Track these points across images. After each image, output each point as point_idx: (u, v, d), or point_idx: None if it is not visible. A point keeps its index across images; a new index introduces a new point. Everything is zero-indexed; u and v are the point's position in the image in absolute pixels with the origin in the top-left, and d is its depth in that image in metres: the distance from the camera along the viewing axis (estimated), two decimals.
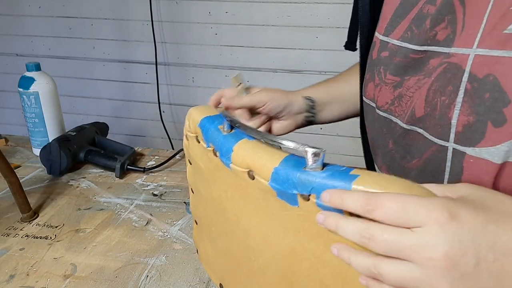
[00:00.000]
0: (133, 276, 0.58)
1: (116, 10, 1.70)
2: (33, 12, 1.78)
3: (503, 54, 0.36)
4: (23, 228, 0.69)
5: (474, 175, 0.38)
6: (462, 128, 0.39)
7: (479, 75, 0.38)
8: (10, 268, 0.59)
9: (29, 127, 0.93)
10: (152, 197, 0.79)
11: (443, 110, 0.41)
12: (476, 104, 0.38)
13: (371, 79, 0.54)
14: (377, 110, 0.53)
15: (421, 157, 0.45)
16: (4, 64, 1.90)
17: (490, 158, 0.37)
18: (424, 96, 0.44)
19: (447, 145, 0.41)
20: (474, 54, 0.39)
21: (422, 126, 0.45)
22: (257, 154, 0.42)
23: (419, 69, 0.45)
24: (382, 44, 0.52)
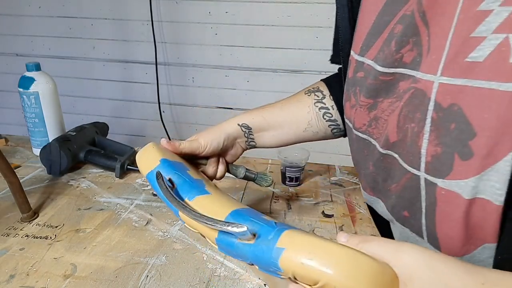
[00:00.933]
0: (133, 276, 0.58)
1: (116, 10, 1.70)
2: (33, 12, 1.78)
3: (466, 83, 0.35)
4: (23, 228, 0.69)
5: (446, 207, 0.37)
6: (431, 158, 0.38)
7: (444, 104, 0.37)
8: (10, 268, 0.59)
9: (29, 127, 0.93)
10: (152, 197, 0.79)
11: (413, 138, 0.40)
12: (442, 135, 0.37)
13: (347, 99, 0.54)
14: (355, 131, 0.52)
15: (398, 182, 0.44)
16: (4, 64, 1.90)
17: (460, 191, 0.35)
18: (396, 121, 0.43)
19: (419, 174, 0.40)
20: (438, 83, 0.37)
21: (396, 151, 0.44)
22: (198, 224, 0.43)
23: (391, 92, 0.44)
24: (358, 64, 0.50)
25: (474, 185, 0.34)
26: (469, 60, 0.34)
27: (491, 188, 0.33)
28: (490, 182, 0.33)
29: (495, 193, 0.33)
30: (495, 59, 0.33)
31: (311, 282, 0.33)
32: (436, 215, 0.38)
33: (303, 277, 0.33)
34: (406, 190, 0.42)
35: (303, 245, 0.34)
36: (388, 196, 0.47)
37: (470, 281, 0.29)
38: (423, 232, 0.42)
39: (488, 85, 0.33)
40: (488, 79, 0.33)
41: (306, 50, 1.60)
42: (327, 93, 0.67)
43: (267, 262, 0.35)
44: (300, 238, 0.35)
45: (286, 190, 0.84)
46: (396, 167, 0.44)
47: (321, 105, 0.66)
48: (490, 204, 0.34)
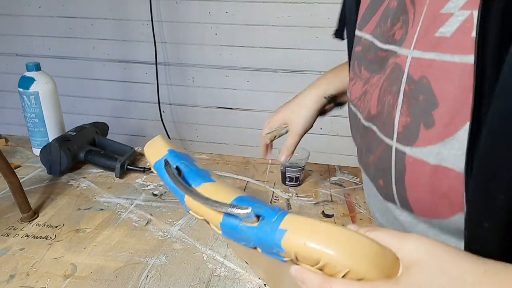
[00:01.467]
0: (133, 276, 0.58)
1: (116, 10, 1.70)
2: (33, 12, 1.78)
3: (435, 57, 0.36)
4: (23, 228, 0.69)
5: (414, 174, 0.39)
6: (402, 128, 0.40)
7: (415, 77, 0.38)
8: (10, 268, 0.59)
9: (29, 127, 0.93)
10: (152, 197, 0.79)
11: (389, 110, 0.42)
12: (412, 106, 0.39)
13: (350, 72, 0.56)
14: (349, 104, 0.54)
15: (375, 153, 0.46)
16: (4, 64, 1.90)
17: (425, 158, 0.37)
18: (377, 95, 0.45)
19: (391, 144, 0.41)
20: (411, 57, 0.39)
21: (375, 123, 0.45)
22: (204, 208, 0.43)
23: (382, 68, 0.45)
24: (357, 39, 0.52)
25: (438, 152, 0.36)
26: (438, 35, 0.36)
27: (453, 156, 0.35)
28: (452, 150, 0.35)
29: (456, 160, 0.35)
30: (460, 34, 0.34)
31: (312, 262, 0.34)
32: (406, 181, 0.40)
33: (304, 258, 0.34)
34: (381, 160, 0.44)
35: (305, 227, 0.35)
36: (368, 167, 0.49)
37: (471, 269, 0.29)
38: (395, 199, 0.44)
39: (452, 58, 0.35)
40: (453, 53, 0.35)
41: (306, 50, 1.60)
42: None
43: (270, 243, 0.36)
44: (303, 221, 0.36)
45: (286, 190, 0.84)
46: (375, 139, 0.46)
47: None
48: (453, 172, 0.35)
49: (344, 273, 0.33)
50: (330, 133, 1.70)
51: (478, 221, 0.34)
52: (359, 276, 0.33)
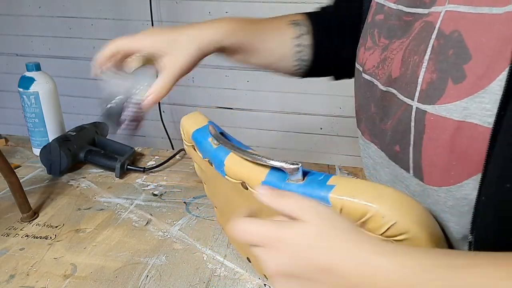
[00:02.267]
0: (133, 276, 0.58)
1: (116, 10, 1.70)
2: (33, 12, 1.78)
3: (469, 10, 0.36)
4: (23, 228, 0.69)
5: (433, 134, 0.38)
6: (426, 85, 0.39)
7: (446, 31, 0.38)
8: (10, 268, 0.59)
9: (29, 127, 0.93)
10: (152, 197, 0.79)
11: (413, 69, 0.41)
12: (440, 61, 0.38)
13: (363, 43, 0.53)
14: (363, 74, 0.52)
15: (393, 117, 0.45)
16: (4, 64, 1.90)
17: (449, 115, 0.36)
18: (401, 57, 0.43)
19: (412, 104, 0.40)
20: (445, 11, 0.38)
21: (396, 87, 0.44)
22: (245, 167, 0.44)
23: (406, 32, 0.44)
24: (378, 7, 0.50)
25: (466, 106, 0.35)
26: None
27: (482, 110, 0.34)
28: (482, 104, 0.34)
29: (485, 115, 0.34)
30: None
31: (357, 217, 0.36)
32: (423, 143, 0.39)
33: (350, 212, 0.36)
34: (400, 123, 0.43)
35: (352, 183, 0.38)
36: (383, 135, 0.48)
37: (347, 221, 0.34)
38: (409, 165, 0.43)
39: (489, 10, 0.34)
40: (490, 5, 0.34)
41: None
42: (309, 30, 0.64)
43: (316, 197, 0.38)
44: (349, 179, 0.39)
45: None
46: (394, 103, 0.45)
47: (299, 42, 0.63)
48: (478, 128, 0.34)
49: (389, 225, 0.35)
50: (330, 133, 1.70)
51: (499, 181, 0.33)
52: (402, 230, 0.35)
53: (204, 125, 0.53)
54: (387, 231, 0.35)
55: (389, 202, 0.36)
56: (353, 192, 0.37)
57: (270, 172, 0.42)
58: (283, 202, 0.36)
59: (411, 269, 0.29)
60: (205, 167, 0.53)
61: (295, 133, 1.72)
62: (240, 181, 0.45)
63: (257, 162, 0.43)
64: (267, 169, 0.43)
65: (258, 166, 0.43)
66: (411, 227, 0.35)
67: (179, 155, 0.95)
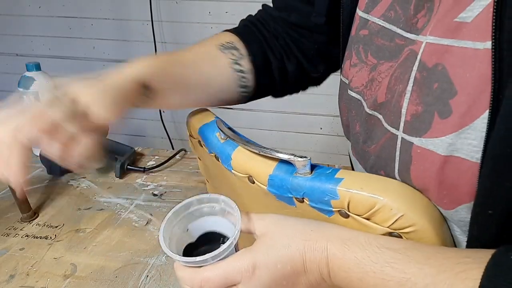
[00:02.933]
0: (133, 276, 0.58)
1: (116, 10, 1.70)
2: (33, 12, 1.78)
3: (453, 44, 0.35)
4: (23, 228, 0.69)
5: (421, 165, 0.38)
6: (410, 117, 0.39)
7: (429, 64, 0.37)
8: (10, 268, 0.59)
9: None
10: (152, 197, 0.79)
11: (397, 98, 0.40)
12: (424, 94, 0.37)
13: (348, 57, 0.52)
14: (349, 91, 0.51)
15: (378, 143, 0.44)
16: (4, 64, 1.90)
17: (435, 149, 0.36)
18: (387, 83, 0.43)
19: (397, 134, 0.40)
20: (426, 42, 0.38)
21: (381, 112, 0.44)
22: (252, 161, 0.44)
23: (395, 56, 0.43)
24: (362, 21, 0.49)
25: (451, 142, 0.35)
26: (458, 21, 0.35)
27: (468, 146, 0.34)
28: (468, 140, 0.34)
29: (471, 151, 0.34)
30: (482, 20, 0.33)
31: (364, 210, 0.37)
32: (411, 172, 0.39)
33: (357, 204, 0.37)
34: (384, 150, 0.43)
35: (361, 176, 0.39)
36: (366, 157, 0.47)
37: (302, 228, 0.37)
38: None
39: (473, 45, 0.34)
40: (474, 40, 0.33)
41: None
42: (245, 52, 0.58)
43: (325, 190, 0.38)
44: (357, 173, 0.40)
45: None
46: (378, 128, 0.44)
47: (240, 68, 0.57)
48: (466, 162, 0.34)
49: (397, 217, 0.35)
50: (330, 133, 1.70)
51: (482, 209, 0.34)
52: (410, 223, 0.35)
53: (212, 120, 0.53)
54: (394, 223, 0.35)
55: (397, 195, 0.36)
56: (361, 184, 0.37)
57: (278, 165, 0.42)
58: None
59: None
60: (211, 162, 0.53)
61: (295, 133, 1.72)
62: (247, 175, 0.45)
63: (265, 155, 0.43)
64: (275, 162, 0.43)
65: (265, 160, 0.43)
66: (419, 220, 0.35)
67: (179, 155, 0.95)
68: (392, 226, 0.36)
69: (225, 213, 0.41)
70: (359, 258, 0.34)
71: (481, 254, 0.31)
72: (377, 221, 0.36)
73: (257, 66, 0.58)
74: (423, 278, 0.31)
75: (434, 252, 0.33)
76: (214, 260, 0.36)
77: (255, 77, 0.59)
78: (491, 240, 0.34)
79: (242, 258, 0.37)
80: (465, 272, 0.30)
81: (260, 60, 0.58)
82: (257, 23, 0.61)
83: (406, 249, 0.33)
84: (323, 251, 0.36)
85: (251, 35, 0.60)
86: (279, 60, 0.59)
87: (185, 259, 0.37)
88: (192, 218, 0.42)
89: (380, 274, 0.33)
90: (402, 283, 0.32)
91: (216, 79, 0.56)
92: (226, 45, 0.58)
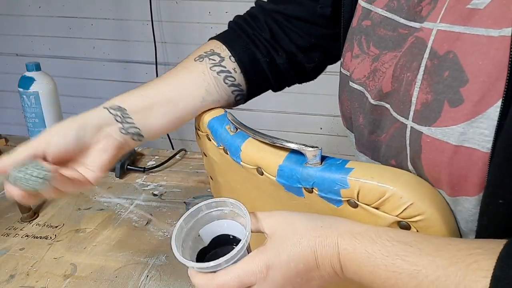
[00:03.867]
0: (133, 276, 0.58)
1: (116, 10, 1.70)
2: (33, 12, 1.78)
3: (465, 31, 0.34)
4: (23, 228, 0.69)
5: (431, 155, 0.38)
6: (420, 106, 0.38)
7: (440, 51, 0.37)
8: (10, 268, 0.59)
9: (29, 127, 0.93)
10: (152, 197, 0.79)
11: (406, 87, 0.40)
12: (435, 82, 0.37)
13: (349, 48, 0.51)
14: (351, 83, 0.50)
15: (387, 132, 0.44)
16: (4, 64, 1.90)
17: (445, 139, 0.36)
18: (392, 72, 0.43)
19: (406, 123, 0.40)
20: (437, 30, 0.37)
21: (388, 102, 0.44)
22: (262, 152, 0.45)
23: (398, 45, 0.43)
24: (364, 12, 0.48)
25: (463, 131, 0.34)
26: (470, 7, 0.34)
27: (480, 136, 0.34)
28: (480, 130, 0.34)
29: (483, 140, 0.33)
30: (496, 7, 0.33)
31: (374, 198, 0.37)
32: (422, 161, 0.39)
33: (367, 193, 0.37)
34: (394, 139, 0.43)
35: (370, 166, 0.39)
36: (377, 147, 0.47)
37: (312, 225, 0.37)
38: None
39: (486, 32, 0.33)
40: (487, 27, 0.33)
41: None
42: (227, 54, 0.58)
43: (335, 180, 0.39)
44: (367, 163, 0.40)
45: None
46: (387, 118, 0.44)
47: (220, 69, 0.57)
48: (476, 152, 0.34)
49: (406, 206, 0.36)
50: (330, 133, 1.70)
51: (493, 199, 0.34)
52: (419, 211, 0.36)
53: (222, 114, 0.54)
54: (403, 212, 0.36)
55: (406, 184, 0.37)
56: (371, 174, 0.37)
57: (288, 155, 0.43)
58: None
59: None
60: (218, 156, 0.54)
61: (295, 133, 1.72)
62: (255, 166, 0.46)
63: (276, 145, 0.43)
64: (286, 153, 0.43)
65: (276, 150, 0.44)
66: (427, 209, 0.36)
67: (179, 155, 0.95)
68: (401, 215, 0.36)
69: (234, 215, 0.41)
70: (369, 251, 0.34)
71: (493, 244, 0.30)
72: (386, 210, 0.37)
73: (243, 63, 0.58)
74: (434, 270, 0.31)
75: (445, 244, 0.33)
76: (227, 264, 0.37)
77: (244, 74, 0.59)
78: (500, 229, 0.34)
79: (255, 260, 0.37)
80: (477, 263, 0.29)
81: (246, 57, 0.58)
82: (241, 23, 0.62)
83: (417, 241, 0.33)
84: (334, 247, 0.36)
85: (233, 36, 0.61)
86: (266, 55, 0.59)
87: (199, 265, 0.37)
88: (203, 223, 0.42)
89: (391, 267, 0.33)
90: (414, 275, 0.32)
91: (197, 85, 0.56)
92: (203, 55, 0.58)
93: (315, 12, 0.56)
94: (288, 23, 0.59)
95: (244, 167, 0.47)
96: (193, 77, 0.56)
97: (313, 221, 0.38)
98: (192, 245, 0.41)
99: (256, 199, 0.49)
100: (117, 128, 0.51)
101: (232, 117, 0.50)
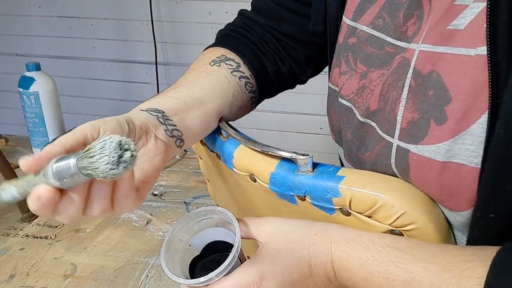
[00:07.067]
0: (133, 276, 0.58)
1: (116, 10, 1.70)
2: (33, 12, 1.78)
3: (446, 51, 0.35)
4: (23, 228, 0.69)
5: (419, 172, 0.38)
6: (407, 125, 0.39)
7: (423, 71, 0.37)
8: (10, 268, 0.59)
9: (29, 127, 0.93)
10: (152, 197, 0.79)
11: (392, 106, 0.41)
12: (420, 101, 0.37)
13: (337, 64, 0.52)
14: (340, 99, 0.51)
15: (372, 150, 0.44)
16: (4, 64, 1.90)
17: (432, 156, 0.36)
18: (379, 90, 0.43)
19: (392, 142, 0.40)
20: (419, 50, 0.38)
21: (375, 120, 0.44)
22: (254, 160, 0.44)
23: (386, 63, 0.44)
24: (350, 30, 0.49)
25: (449, 148, 0.35)
26: (450, 28, 0.35)
27: (466, 152, 0.34)
28: (465, 146, 0.34)
29: (470, 156, 0.34)
30: (474, 27, 0.33)
31: (366, 207, 0.37)
32: (411, 178, 0.39)
33: (359, 202, 0.37)
34: (380, 157, 0.43)
35: (362, 174, 0.39)
36: (362, 164, 0.47)
37: (305, 233, 0.38)
38: None
39: (466, 51, 0.34)
40: (467, 47, 0.34)
41: None
42: (240, 61, 0.56)
43: (326, 188, 0.38)
44: (358, 171, 0.40)
45: None
46: (373, 136, 0.44)
47: (240, 74, 0.55)
48: (465, 168, 0.34)
49: (398, 215, 0.35)
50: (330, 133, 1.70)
51: (484, 213, 0.34)
52: (411, 220, 0.35)
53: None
54: (396, 221, 0.36)
55: (399, 193, 0.36)
56: (363, 182, 0.37)
57: (280, 163, 0.43)
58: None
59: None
60: (212, 161, 0.53)
61: (295, 133, 1.72)
62: (248, 173, 0.45)
63: (267, 153, 0.43)
64: (277, 161, 0.43)
65: (267, 158, 0.43)
66: (420, 217, 0.35)
67: (179, 155, 0.95)
68: (393, 224, 0.36)
69: (224, 223, 0.41)
70: (363, 258, 0.34)
71: (486, 251, 0.31)
72: (379, 218, 0.36)
73: (256, 70, 0.57)
74: (428, 277, 0.31)
75: (439, 251, 0.33)
76: (218, 277, 0.36)
77: (256, 81, 0.58)
78: (491, 241, 0.34)
79: (249, 271, 0.37)
80: (471, 270, 0.30)
81: (257, 64, 0.58)
82: (241, 31, 0.60)
83: (411, 248, 0.33)
84: (328, 254, 0.36)
85: (239, 44, 0.58)
86: (273, 62, 0.59)
87: (190, 282, 0.37)
88: (193, 232, 0.42)
89: (385, 274, 0.33)
90: (407, 282, 0.32)
91: (225, 88, 0.53)
92: (217, 60, 0.55)
93: (307, 29, 0.57)
94: (282, 39, 0.59)
95: (237, 173, 0.46)
96: (219, 80, 0.53)
97: (307, 228, 0.38)
98: (183, 255, 0.41)
99: (252, 204, 0.49)
100: (162, 130, 0.44)
101: (224, 123, 0.50)
